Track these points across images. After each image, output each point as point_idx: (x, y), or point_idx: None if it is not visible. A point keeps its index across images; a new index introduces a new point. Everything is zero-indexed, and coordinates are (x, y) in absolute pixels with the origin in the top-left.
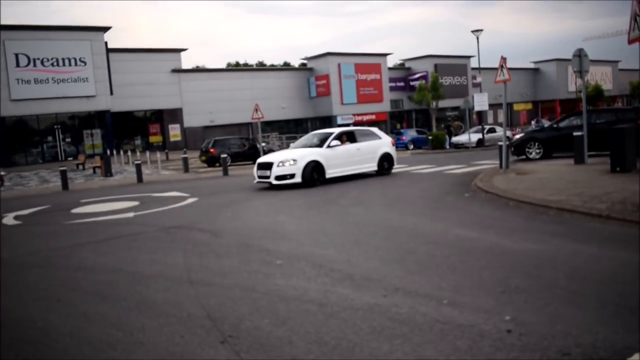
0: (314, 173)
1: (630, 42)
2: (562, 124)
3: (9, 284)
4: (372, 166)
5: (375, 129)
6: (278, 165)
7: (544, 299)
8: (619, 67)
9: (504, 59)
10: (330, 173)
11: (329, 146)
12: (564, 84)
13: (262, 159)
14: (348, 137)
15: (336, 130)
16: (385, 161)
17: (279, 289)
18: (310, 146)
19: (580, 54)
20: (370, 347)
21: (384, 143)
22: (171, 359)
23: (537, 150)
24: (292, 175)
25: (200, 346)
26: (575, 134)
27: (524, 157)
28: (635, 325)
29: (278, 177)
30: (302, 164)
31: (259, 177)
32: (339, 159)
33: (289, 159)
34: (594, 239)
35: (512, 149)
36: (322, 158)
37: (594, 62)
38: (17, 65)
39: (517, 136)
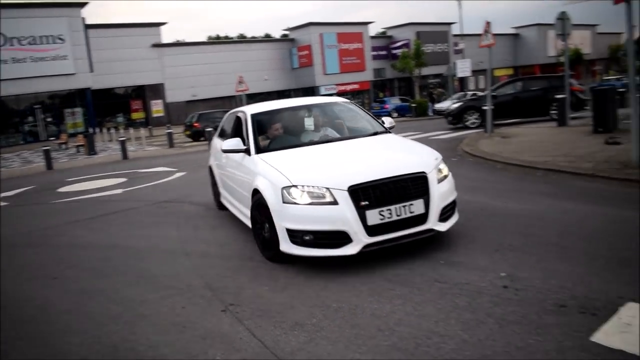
0: None
1: (616, 1)
2: (497, 92)
3: (2, 264)
4: None
5: None
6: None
7: (537, 255)
8: (597, 30)
9: (488, 24)
10: None
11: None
12: (543, 48)
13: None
14: None
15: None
16: None
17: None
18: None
19: (563, 17)
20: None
21: None
22: (174, 329)
23: (475, 119)
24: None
25: (202, 316)
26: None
27: (461, 125)
28: (626, 276)
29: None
30: None
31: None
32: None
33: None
34: (582, 197)
35: (450, 117)
36: None
37: (574, 26)
38: None
39: (454, 105)
